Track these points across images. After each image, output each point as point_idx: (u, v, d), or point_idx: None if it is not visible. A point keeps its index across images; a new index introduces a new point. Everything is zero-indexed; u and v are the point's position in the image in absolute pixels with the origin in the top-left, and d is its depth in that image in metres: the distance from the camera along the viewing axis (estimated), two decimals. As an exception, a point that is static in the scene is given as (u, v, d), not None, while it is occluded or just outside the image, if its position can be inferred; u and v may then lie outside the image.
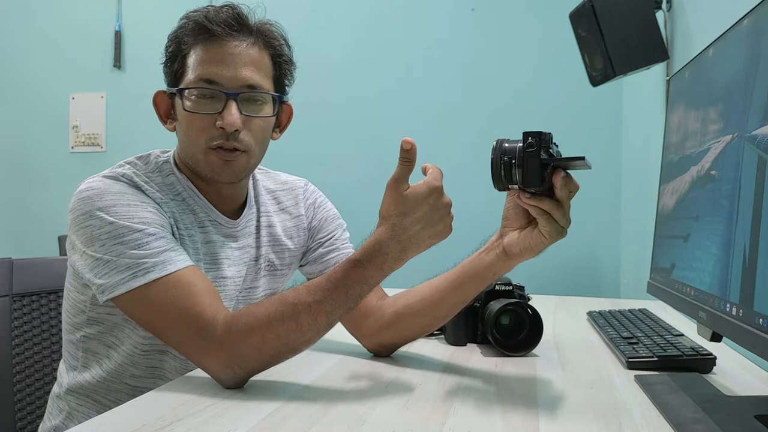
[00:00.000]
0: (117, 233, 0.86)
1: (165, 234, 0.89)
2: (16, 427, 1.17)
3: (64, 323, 1.02)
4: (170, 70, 0.97)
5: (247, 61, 0.94)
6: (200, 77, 0.92)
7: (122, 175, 0.93)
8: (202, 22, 0.93)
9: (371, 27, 2.67)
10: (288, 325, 0.78)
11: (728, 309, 0.69)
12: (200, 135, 0.93)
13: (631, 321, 1.21)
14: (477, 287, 0.93)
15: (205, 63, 0.93)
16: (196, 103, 0.93)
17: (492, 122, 2.53)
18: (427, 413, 0.73)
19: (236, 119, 0.92)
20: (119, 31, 2.95)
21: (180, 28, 0.96)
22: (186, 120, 0.94)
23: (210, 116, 0.92)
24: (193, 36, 0.94)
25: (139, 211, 0.88)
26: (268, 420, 0.69)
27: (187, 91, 0.93)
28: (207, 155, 0.94)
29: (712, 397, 0.77)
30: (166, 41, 0.97)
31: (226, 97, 0.92)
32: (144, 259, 0.84)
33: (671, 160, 1.06)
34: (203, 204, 1.00)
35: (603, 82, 1.74)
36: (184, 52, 0.95)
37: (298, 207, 1.14)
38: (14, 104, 3.07)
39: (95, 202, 0.88)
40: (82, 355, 0.99)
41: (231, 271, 1.03)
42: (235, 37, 0.93)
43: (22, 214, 3.03)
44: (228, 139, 0.93)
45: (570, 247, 2.46)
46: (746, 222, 0.67)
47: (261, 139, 0.98)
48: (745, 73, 0.73)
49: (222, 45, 0.93)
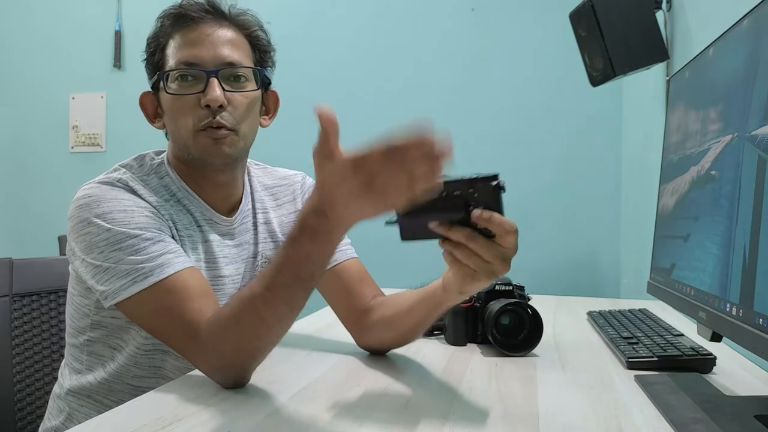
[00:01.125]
0: (114, 240, 0.86)
1: (162, 237, 0.89)
2: (16, 427, 1.17)
3: (68, 327, 1.02)
4: (151, 66, 0.99)
5: (225, 40, 0.96)
6: (180, 61, 0.94)
7: (118, 180, 0.93)
8: (177, 11, 0.96)
9: (371, 27, 2.67)
10: (252, 320, 0.76)
11: (728, 309, 0.69)
12: (187, 118, 0.94)
13: (631, 321, 1.21)
14: (429, 312, 0.90)
15: (184, 47, 0.94)
16: (178, 86, 0.94)
17: (492, 122, 2.53)
18: (427, 413, 0.73)
19: (219, 94, 0.92)
20: (119, 31, 2.95)
21: (157, 27, 0.98)
22: (171, 106, 0.95)
23: (194, 96, 0.93)
24: (170, 27, 0.96)
25: (136, 217, 0.89)
26: (268, 420, 0.69)
27: (168, 75, 0.94)
28: (196, 138, 0.94)
29: (712, 397, 0.77)
30: (146, 44, 0.99)
31: (206, 76, 0.93)
32: (142, 264, 0.85)
33: (671, 160, 1.06)
34: (198, 203, 1.00)
35: (603, 82, 1.74)
36: (163, 44, 0.96)
37: (295, 202, 1.14)
38: (14, 104, 3.07)
39: (92, 209, 0.88)
40: (86, 358, 1.00)
41: (229, 270, 1.03)
42: (210, 19, 0.96)
43: (22, 214, 3.03)
44: (214, 116, 0.93)
45: (570, 247, 2.48)
46: (746, 222, 0.67)
47: (247, 117, 0.97)
48: (745, 73, 0.73)
49: (198, 28, 0.95)
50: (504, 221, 0.72)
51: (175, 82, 0.94)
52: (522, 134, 2.50)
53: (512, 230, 0.73)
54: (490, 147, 2.51)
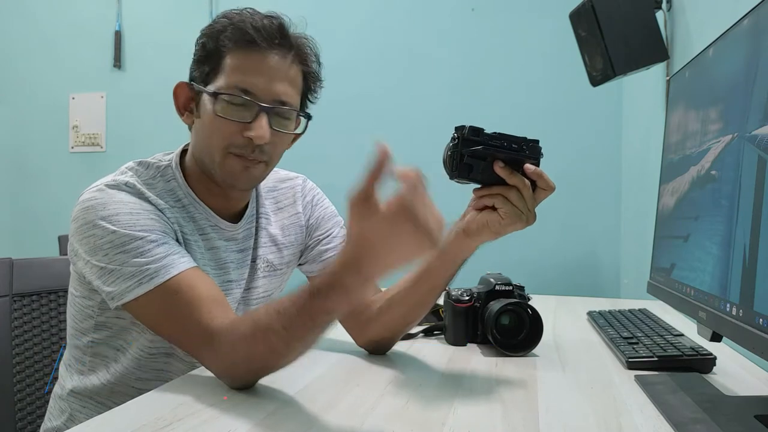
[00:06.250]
0: (119, 242, 0.86)
1: (167, 240, 0.89)
2: (16, 427, 1.17)
3: (70, 328, 1.02)
4: (201, 68, 0.95)
5: (283, 76, 0.94)
6: (236, 85, 0.91)
7: (125, 183, 0.93)
8: (246, 28, 0.91)
9: (371, 27, 2.67)
10: (265, 349, 0.75)
11: (728, 309, 0.69)
12: (224, 140, 0.93)
13: (631, 321, 1.21)
14: (442, 270, 0.94)
15: (243, 71, 0.91)
16: (227, 108, 0.92)
17: (492, 122, 2.51)
18: (427, 413, 0.73)
19: (266, 133, 0.91)
20: (119, 31, 2.95)
21: (219, 28, 0.93)
22: (212, 122, 0.93)
23: (238, 124, 0.92)
24: (233, 40, 0.92)
25: (141, 219, 0.89)
26: (268, 420, 0.69)
27: (220, 95, 0.92)
28: (225, 158, 0.93)
29: (712, 397, 0.76)
30: (200, 36, 0.96)
31: (258, 109, 0.91)
32: (147, 266, 0.85)
33: (671, 160, 1.06)
34: (203, 210, 1.00)
35: (603, 82, 1.74)
36: (222, 53, 0.93)
37: (296, 205, 1.14)
38: (14, 104, 3.07)
39: (98, 212, 0.88)
40: (89, 359, 1.00)
41: (235, 275, 1.04)
42: (275, 49, 0.93)
43: (22, 214, 3.03)
44: (253, 150, 0.93)
45: (570, 247, 2.48)
46: (746, 222, 0.67)
47: (281, 152, 0.99)
48: (745, 73, 0.73)
49: (262, 57, 0.92)
50: (548, 178, 0.88)
51: (224, 103, 0.92)
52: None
53: (551, 188, 0.88)
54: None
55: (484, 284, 1.13)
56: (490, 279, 1.12)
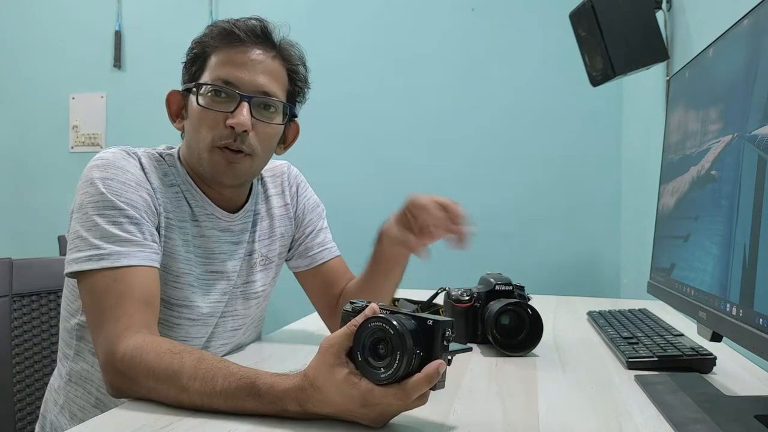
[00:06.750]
0: (101, 204, 0.89)
1: (142, 221, 0.91)
2: (16, 426, 1.18)
3: (63, 310, 1.03)
4: (189, 70, 1.00)
5: (266, 70, 0.97)
6: (219, 77, 0.95)
7: (134, 153, 0.96)
8: (229, 27, 0.96)
9: (371, 27, 2.67)
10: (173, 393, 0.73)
11: (728, 309, 0.69)
12: (209, 132, 0.95)
13: (631, 321, 1.21)
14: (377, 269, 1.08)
15: (226, 65, 0.96)
16: (210, 100, 0.95)
17: (492, 122, 2.53)
18: (427, 413, 0.72)
19: (246, 120, 0.94)
20: (119, 31, 2.94)
21: (206, 34, 0.99)
22: (197, 116, 0.96)
23: (221, 114, 0.94)
24: (218, 40, 0.97)
25: (128, 192, 0.91)
26: (268, 420, 0.69)
27: (203, 87, 0.95)
28: (211, 153, 0.96)
29: (712, 397, 0.77)
30: (191, 44, 1.00)
31: (240, 98, 0.94)
32: (107, 245, 0.86)
33: (671, 160, 1.06)
34: (200, 197, 1.01)
35: (603, 82, 1.74)
36: (207, 53, 0.97)
37: (284, 195, 1.16)
38: (14, 104, 3.07)
39: (99, 171, 0.91)
40: (75, 343, 1.00)
41: (226, 266, 1.04)
42: (258, 46, 0.97)
43: (22, 214, 3.03)
44: (235, 140, 0.94)
45: (570, 247, 2.48)
46: (746, 222, 0.67)
47: (267, 146, 1.00)
48: (745, 73, 0.73)
49: (244, 51, 0.96)
50: None
51: (207, 96, 0.96)
52: (522, 134, 2.50)
53: None
54: (490, 147, 2.51)
55: (484, 284, 1.13)
56: (490, 279, 1.12)
